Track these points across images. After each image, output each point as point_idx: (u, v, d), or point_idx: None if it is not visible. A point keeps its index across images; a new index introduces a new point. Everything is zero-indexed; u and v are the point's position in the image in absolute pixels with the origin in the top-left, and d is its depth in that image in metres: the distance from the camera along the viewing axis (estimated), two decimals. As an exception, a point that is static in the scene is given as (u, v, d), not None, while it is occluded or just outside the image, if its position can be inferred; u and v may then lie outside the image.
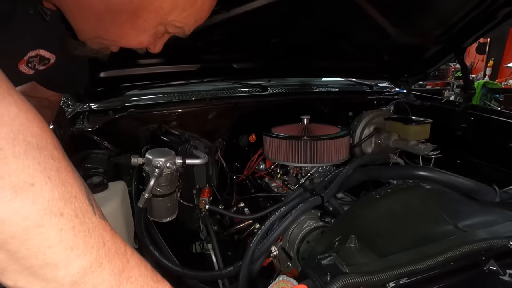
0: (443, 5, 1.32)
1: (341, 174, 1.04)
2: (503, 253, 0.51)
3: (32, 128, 0.29)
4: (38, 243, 0.27)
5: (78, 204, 0.30)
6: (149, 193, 0.93)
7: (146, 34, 0.57)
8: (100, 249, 0.30)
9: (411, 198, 0.76)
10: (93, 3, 0.51)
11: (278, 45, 1.39)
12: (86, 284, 0.29)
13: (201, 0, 0.58)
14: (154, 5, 0.53)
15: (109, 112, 1.34)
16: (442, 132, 1.69)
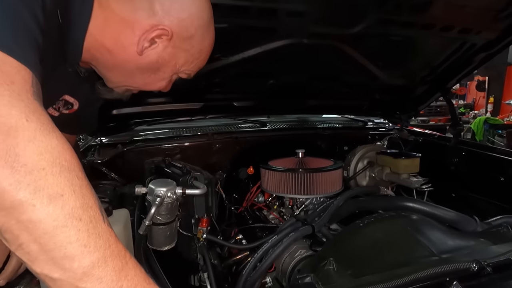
0: (424, 52, 1.46)
1: (332, 205, 1.10)
2: (468, 275, 0.55)
3: (65, 155, 0.39)
4: (62, 239, 0.36)
5: (93, 213, 0.39)
6: (150, 220, 0.99)
7: (164, 81, 0.73)
8: (106, 250, 0.38)
9: (393, 226, 0.81)
10: (127, 65, 0.66)
11: (275, 86, 1.53)
12: (93, 275, 0.37)
13: (204, 54, 0.74)
14: (172, 62, 0.69)
15: (118, 146, 1.45)
16: (436, 166, 1.74)
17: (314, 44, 1.24)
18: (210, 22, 0.71)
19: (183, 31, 0.65)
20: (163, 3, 0.63)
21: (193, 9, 0.65)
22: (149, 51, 0.64)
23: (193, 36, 0.67)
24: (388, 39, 1.31)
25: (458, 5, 1.16)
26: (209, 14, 0.70)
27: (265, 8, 1.01)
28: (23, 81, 0.39)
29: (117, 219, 0.92)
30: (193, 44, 0.69)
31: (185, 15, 0.64)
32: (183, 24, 0.65)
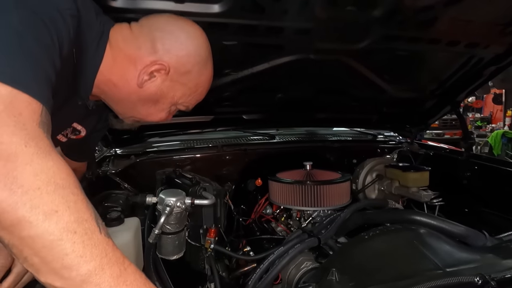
0: (432, 66, 1.47)
1: (339, 217, 1.10)
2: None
3: (60, 174, 0.43)
4: (59, 252, 0.40)
5: (88, 225, 0.42)
6: (159, 229, 1.02)
7: (164, 112, 0.80)
8: (103, 258, 0.41)
9: (398, 239, 0.81)
10: (130, 97, 0.73)
11: (283, 99, 1.56)
12: (92, 282, 0.40)
13: (201, 88, 0.80)
14: (170, 95, 0.76)
15: (131, 157, 1.50)
16: (448, 180, 1.71)
17: (321, 59, 1.28)
18: (208, 59, 0.77)
19: (180, 66, 0.72)
20: (164, 42, 0.70)
21: (191, 48, 0.72)
22: (149, 83, 0.71)
23: (190, 72, 0.74)
24: (395, 53, 1.33)
25: (463, 20, 1.17)
26: (207, 52, 0.76)
27: (272, 26, 1.05)
28: (32, 112, 0.44)
29: (128, 227, 0.96)
30: (190, 79, 0.75)
31: (183, 53, 0.71)
32: (181, 60, 0.71)
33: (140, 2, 0.89)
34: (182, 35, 0.72)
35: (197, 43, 0.74)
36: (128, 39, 0.69)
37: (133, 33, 0.70)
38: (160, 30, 0.71)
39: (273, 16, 1.01)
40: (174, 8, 0.92)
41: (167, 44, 0.70)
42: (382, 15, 1.07)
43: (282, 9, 0.98)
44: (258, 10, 0.98)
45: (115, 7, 0.86)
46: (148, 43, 0.69)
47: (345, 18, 1.08)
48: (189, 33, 0.73)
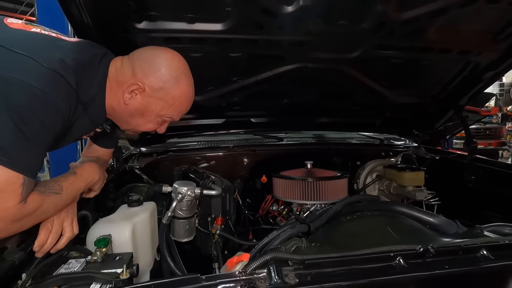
0: (429, 72, 1.55)
1: (331, 209, 1.22)
2: (412, 255, 0.66)
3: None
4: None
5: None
6: (172, 212, 1.20)
7: (151, 123, 0.99)
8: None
9: (371, 222, 0.91)
10: (123, 114, 0.95)
11: (289, 104, 1.71)
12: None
13: (178, 101, 0.96)
14: (152, 108, 0.94)
15: (154, 155, 1.72)
16: (454, 184, 1.75)
17: (319, 67, 1.42)
18: (179, 76, 0.94)
19: (154, 84, 0.91)
20: (142, 67, 0.91)
21: (162, 68, 0.92)
22: (131, 101, 0.91)
23: (163, 88, 0.92)
24: (390, 61, 1.44)
25: (452, 30, 1.26)
26: (178, 71, 0.95)
27: (271, 40, 1.22)
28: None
29: (146, 208, 1.15)
30: (165, 93, 0.93)
31: (156, 73, 0.91)
32: (154, 79, 0.91)
33: (160, 24, 1.09)
34: (156, 59, 0.92)
35: (168, 64, 0.93)
36: (119, 70, 0.91)
37: (122, 64, 0.92)
38: (140, 58, 0.93)
39: (270, 31, 1.17)
40: (187, 27, 1.11)
41: (143, 68, 0.91)
42: (370, 27, 1.20)
43: (278, 25, 1.14)
44: (257, 27, 1.15)
45: (140, 28, 1.08)
46: (130, 70, 0.91)
47: (337, 31, 1.21)
48: (161, 57, 0.93)
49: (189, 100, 1.00)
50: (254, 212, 1.78)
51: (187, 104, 1.00)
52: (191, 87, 0.99)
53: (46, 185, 0.80)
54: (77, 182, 0.91)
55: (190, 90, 0.99)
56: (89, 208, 1.12)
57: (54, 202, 0.80)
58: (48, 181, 0.84)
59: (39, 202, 0.75)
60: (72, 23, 0.96)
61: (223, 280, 0.57)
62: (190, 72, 0.99)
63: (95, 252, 0.82)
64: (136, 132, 1.04)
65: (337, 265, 0.62)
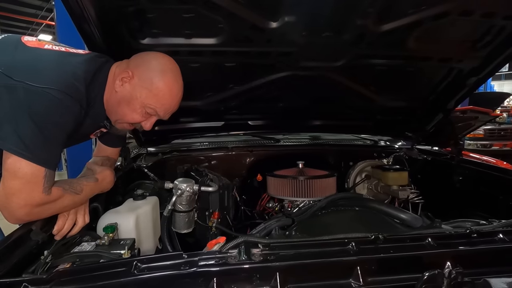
0: (415, 78, 1.64)
1: (316, 205, 1.34)
2: (364, 241, 0.78)
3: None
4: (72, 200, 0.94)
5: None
6: (172, 206, 1.35)
7: (136, 112, 1.04)
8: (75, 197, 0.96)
9: (344, 215, 1.03)
10: (113, 103, 1.05)
11: (283, 108, 1.83)
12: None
13: (161, 92, 1.03)
14: (137, 95, 1.02)
15: (159, 154, 1.88)
16: (443, 184, 1.83)
17: (309, 75, 1.54)
18: (167, 71, 1.04)
19: (142, 74, 1.01)
20: (137, 61, 1.05)
21: (152, 63, 1.04)
22: (120, 88, 1.02)
23: (150, 77, 1.01)
24: (375, 68, 1.54)
25: (430, 40, 1.36)
26: (166, 68, 1.04)
27: (261, 51, 1.35)
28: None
29: (149, 202, 1.30)
30: (151, 83, 1.01)
31: (146, 66, 1.03)
32: (143, 70, 1.02)
33: (161, 39, 1.24)
34: (149, 55, 1.06)
35: (158, 59, 1.05)
36: (119, 67, 1.05)
37: (122, 63, 1.06)
38: (136, 56, 1.07)
39: (260, 44, 1.30)
40: (184, 42, 1.26)
41: (137, 61, 1.04)
42: (352, 39, 1.31)
43: (266, 38, 1.27)
44: (247, 40, 1.28)
45: (143, 43, 1.23)
46: (126, 64, 1.05)
47: (321, 42, 1.33)
48: (154, 54, 1.06)
49: (173, 96, 1.05)
50: (252, 208, 1.91)
51: (171, 99, 1.05)
52: (176, 84, 1.05)
53: (70, 184, 0.97)
54: (96, 188, 1.07)
55: (175, 86, 1.05)
56: (101, 201, 1.28)
57: (72, 200, 0.97)
58: (73, 181, 1.00)
59: (60, 196, 0.91)
60: (85, 39, 1.12)
61: (202, 257, 0.71)
62: (179, 73, 1.08)
63: (103, 237, 0.97)
64: (125, 122, 1.08)
65: (298, 248, 0.75)
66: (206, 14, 1.14)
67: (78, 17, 1.05)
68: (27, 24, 11.95)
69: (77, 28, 1.09)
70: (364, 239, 0.78)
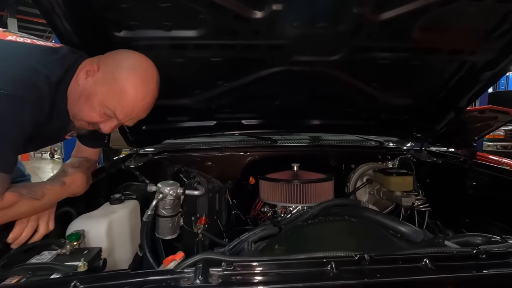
0: (422, 73, 1.49)
1: (307, 212, 1.22)
2: (346, 261, 0.66)
3: None
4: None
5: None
6: (152, 210, 1.26)
7: (94, 111, 0.95)
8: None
9: (329, 227, 0.91)
10: (74, 96, 0.96)
11: (279, 106, 1.72)
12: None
13: (124, 94, 0.95)
14: (97, 91, 0.94)
15: (149, 155, 1.80)
16: (455, 190, 1.67)
17: (303, 70, 1.41)
18: (136, 71, 0.95)
19: (107, 69, 0.94)
20: (108, 55, 0.96)
21: (121, 62, 0.96)
22: (83, 81, 0.94)
23: (114, 74, 0.93)
24: (377, 63, 1.40)
25: (438, 29, 1.21)
26: (138, 69, 0.95)
27: (248, 44, 1.24)
28: None
29: (126, 206, 1.23)
30: (114, 80, 0.93)
31: (115, 61, 0.95)
32: (110, 63, 0.95)
33: (139, 32, 1.15)
34: (121, 54, 0.98)
35: (128, 59, 0.97)
36: (91, 62, 0.97)
37: (94, 59, 0.98)
38: (110, 53, 0.98)
39: (246, 36, 1.19)
40: (164, 35, 1.17)
41: (108, 58, 0.97)
42: (349, 30, 1.18)
43: (253, 30, 1.16)
44: (232, 32, 1.17)
45: (120, 36, 1.14)
46: (97, 60, 0.96)
47: (315, 34, 1.21)
48: (127, 53, 0.98)
49: (137, 99, 0.95)
50: (246, 213, 1.81)
51: (134, 102, 0.95)
52: (144, 87, 0.96)
53: (30, 189, 0.89)
54: (62, 192, 0.99)
55: (142, 89, 0.95)
56: (78, 204, 1.20)
57: (31, 206, 0.89)
58: (34, 185, 0.92)
59: (15, 202, 0.83)
60: (56, 31, 1.04)
61: (150, 278, 0.61)
62: (153, 77, 0.98)
63: (65, 245, 0.89)
64: (81, 119, 0.99)
65: (268, 268, 0.64)
66: (184, 3, 1.04)
67: (47, 11, 0.98)
68: (44, 27, 12.26)
69: (48, 23, 1.02)
70: (347, 259, 0.66)
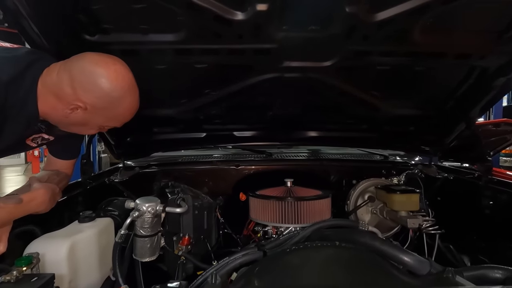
0: (426, 80, 1.36)
1: (298, 234, 1.08)
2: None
3: None
4: None
5: None
6: (125, 230, 1.14)
7: (92, 130, 1.01)
8: None
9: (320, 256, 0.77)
10: (62, 121, 0.96)
11: (272, 117, 1.61)
12: None
13: (121, 117, 0.98)
14: (93, 122, 0.96)
15: (136, 168, 1.70)
16: (469, 209, 1.50)
17: (296, 77, 1.31)
18: (122, 97, 0.93)
19: (96, 104, 0.90)
20: (84, 87, 0.88)
21: (105, 90, 0.89)
22: (73, 115, 0.91)
23: (106, 107, 0.92)
24: (376, 69, 1.29)
25: (441, 31, 1.09)
26: (122, 91, 0.92)
27: (233, 49, 1.15)
28: None
29: (96, 224, 1.11)
30: (108, 112, 0.94)
31: (98, 94, 0.89)
32: (96, 100, 0.90)
33: (114, 36, 1.08)
34: (98, 80, 0.89)
35: (112, 86, 0.90)
36: (55, 82, 0.89)
37: (58, 75, 0.89)
38: (80, 75, 0.88)
39: (230, 40, 1.10)
40: (142, 39, 1.09)
41: (85, 88, 0.89)
42: (342, 32, 1.08)
43: (237, 33, 1.07)
44: (214, 36, 1.09)
45: (94, 41, 1.07)
46: (69, 86, 0.88)
47: (305, 37, 1.11)
48: (104, 78, 0.89)
49: (133, 112, 1.01)
50: (239, 232, 1.67)
51: (132, 114, 1.01)
52: (135, 102, 0.98)
53: None
54: (18, 211, 0.90)
55: (135, 104, 0.99)
56: (50, 222, 1.10)
57: None
58: None
59: None
60: (23, 35, 0.98)
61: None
62: (135, 84, 0.97)
63: (11, 272, 0.78)
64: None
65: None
66: (160, 4, 0.96)
67: (12, 12, 0.91)
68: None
69: (14, 25, 0.96)
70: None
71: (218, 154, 1.91)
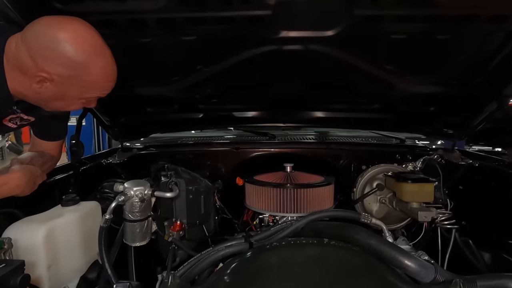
0: (450, 50, 1.16)
1: (291, 225, 0.98)
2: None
3: None
4: None
5: None
6: (110, 214, 1.09)
7: (74, 105, 0.92)
8: None
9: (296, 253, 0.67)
10: (39, 99, 0.89)
11: (274, 96, 1.47)
12: None
13: (97, 84, 0.88)
14: (69, 94, 0.87)
15: (133, 150, 1.65)
16: (497, 201, 1.32)
17: (296, 50, 1.16)
18: (89, 59, 0.83)
19: (62, 72, 0.81)
20: (43, 55, 0.79)
21: (66, 54, 0.79)
22: (42, 89, 0.83)
23: (74, 75, 0.82)
24: (390, 38, 1.10)
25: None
26: (86, 54, 0.82)
27: (221, 17, 1.01)
28: None
29: (80, 208, 1.07)
30: (79, 80, 0.84)
31: (60, 61, 0.80)
32: (60, 68, 0.80)
33: (88, 4, 0.97)
34: (57, 45, 0.79)
35: (73, 50, 0.80)
36: (14, 53, 0.81)
37: (16, 47, 0.81)
38: (37, 43, 0.79)
39: (216, 6, 0.97)
40: (119, 8, 0.98)
41: (44, 56, 0.79)
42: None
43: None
44: (199, 2, 0.96)
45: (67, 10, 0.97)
46: (28, 56, 0.80)
47: (302, 0, 0.95)
48: (63, 42, 0.80)
49: (109, 76, 0.90)
50: (236, 213, 1.59)
51: (109, 80, 0.91)
52: (107, 65, 0.87)
53: None
54: None
55: (107, 68, 0.88)
56: (37, 205, 1.07)
57: None
58: None
59: None
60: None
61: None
62: (102, 45, 0.86)
63: (-21, 257, 0.75)
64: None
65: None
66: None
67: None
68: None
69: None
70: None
71: (219, 136, 1.81)
